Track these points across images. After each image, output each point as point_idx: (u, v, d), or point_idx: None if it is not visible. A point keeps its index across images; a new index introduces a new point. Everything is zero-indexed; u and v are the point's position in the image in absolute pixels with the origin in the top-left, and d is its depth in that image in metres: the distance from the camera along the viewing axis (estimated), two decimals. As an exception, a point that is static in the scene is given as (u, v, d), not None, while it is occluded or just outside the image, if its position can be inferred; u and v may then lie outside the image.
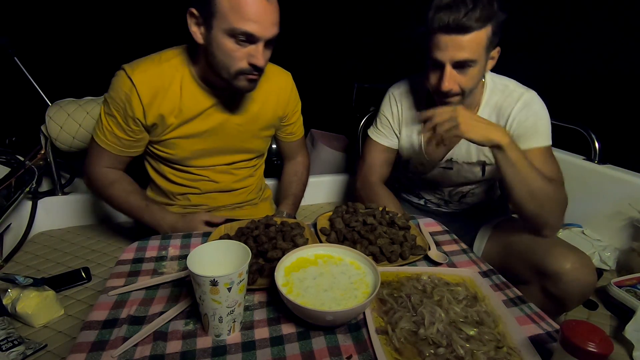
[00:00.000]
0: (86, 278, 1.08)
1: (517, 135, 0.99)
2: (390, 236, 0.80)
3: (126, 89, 0.91)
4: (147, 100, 0.92)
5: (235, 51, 0.84)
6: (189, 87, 0.95)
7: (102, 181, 1.01)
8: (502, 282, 0.72)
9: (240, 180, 1.12)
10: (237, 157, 1.08)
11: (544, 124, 0.99)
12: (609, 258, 1.31)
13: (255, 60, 0.85)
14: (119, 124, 0.95)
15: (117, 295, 0.65)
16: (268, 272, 0.68)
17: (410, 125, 1.13)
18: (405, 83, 1.15)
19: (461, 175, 1.12)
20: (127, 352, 0.53)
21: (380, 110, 1.18)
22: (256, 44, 0.84)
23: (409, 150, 1.15)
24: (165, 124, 0.95)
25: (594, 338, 0.44)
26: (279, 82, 1.08)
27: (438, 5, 0.86)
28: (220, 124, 1.00)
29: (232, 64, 0.85)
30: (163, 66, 0.93)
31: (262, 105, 1.04)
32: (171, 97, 0.93)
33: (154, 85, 0.92)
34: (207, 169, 1.06)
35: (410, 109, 1.13)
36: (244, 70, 0.86)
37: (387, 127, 1.16)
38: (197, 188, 1.08)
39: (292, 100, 1.12)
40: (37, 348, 0.83)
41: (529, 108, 0.99)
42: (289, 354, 0.54)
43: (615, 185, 1.37)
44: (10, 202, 1.22)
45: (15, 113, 1.94)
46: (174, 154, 1.00)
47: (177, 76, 0.94)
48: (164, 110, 0.93)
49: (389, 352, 0.53)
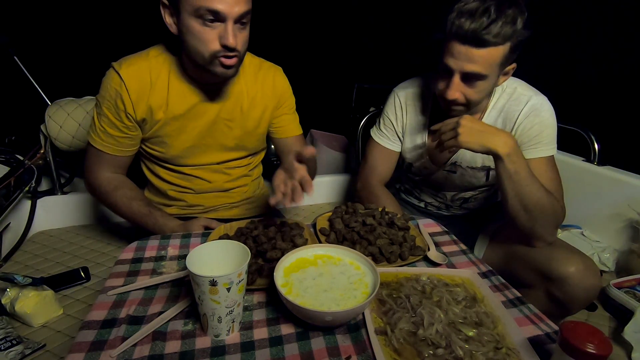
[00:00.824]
0: (85, 278, 1.08)
1: (520, 143, 0.96)
2: (390, 237, 0.80)
3: (115, 85, 0.91)
4: (135, 95, 0.91)
5: (205, 33, 0.81)
6: (176, 83, 0.94)
7: (105, 187, 1.00)
8: (501, 283, 0.72)
9: (234, 179, 1.11)
10: (229, 155, 1.07)
11: (549, 134, 0.96)
12: (608, 259, 1.31)
13: (225, 40, 0.81)
14: (112, 123, 0.94)
15: (116, 295, 0.65)
16: (267, 272, 0.68)
17: (415, 128, 1.11)
18: (411, 84, 1.13)
19: (465, 179, 1.11)
20: (126, 352, 0.53)
21: (384, 112, 1.15)
22: (225, 22, 0.80)
23: (412, 154, 1.14)
24: (153, 119, 0.95)
25: (593, 339, 0.44)
26: (267, 76, 1.05)
27: (460, 10, 0.82)
28: (209, 121, 0.99)
29: (203, 47, 0.83)
30: (151, 61, 0.93)
31: (251, 100, 1.03)
32: (158, 92, 0.93)
33: (142, 79, 0.92)
34: (199, 168, 1.05)
35: (415, 112, 1.11)
36: (217, 52, 0.83)
37: (390, 129, 1.14)
38: (191, 189, 1.07)
39: (283, 94, 1.09)
40: (36, 348, 0.83)
41: (535, 114, 0.96)
42: (288, 355, 0.54)
43: (615, 187, 1.37)
44: (10, 202, 1.22)
45: (15, 112, 1.93)
46: (164, 151, 1.00)
47: (163, 71, 0.93)
48: (152, 104, 0.93)
49: (388, 352, 0.53)
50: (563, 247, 0.92)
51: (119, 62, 0.93)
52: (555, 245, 0.93)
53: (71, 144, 1.31)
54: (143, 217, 1.00)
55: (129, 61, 0.92)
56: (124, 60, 0.93)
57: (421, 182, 1.21)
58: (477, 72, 0.85)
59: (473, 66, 0.84)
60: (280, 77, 1.08)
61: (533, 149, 0.96)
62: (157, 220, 0.99)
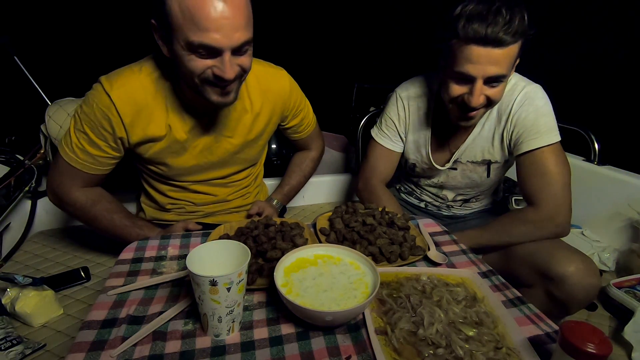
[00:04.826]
0: (85, 277, 1.08)
1: (519, 135, 0.97)
2: (390, 236, 0.80)
3: (103, 107, 0.83)
4: (129, 119, 0.84)
5: (197, 63, 0.74)
6: (175, 103, 0.88)
7: (81, 203, 0.93)
8: (502, 282, 0.72)
9: (237, 190, 1.10)
10: (232, 169, 1.04)
11: (547, 121, 0.95)
12: (608, 259, 1.31)
13: (219, 73, 0.74)
14: (92, 142, 0.87)
15: (117, 294, 0.65)
16: (267, 272, 0.68)
17: (418, 129, 1.11)
18: (412, 85, 1.12)
19: (466, 175, 1.11)
20: (126, 352, 0.53)
21: (386, 112, 1.15)
22: (221, 55, 0.73)
23: (415, 154, 1.14)
24: (152, 143, 0.90)
25: (593, 339, 0.44)
26: (272, 85, 0.99)
27: (470, 15, 0.82)
28: (211, 139, 0.95)
29: (194, 76, 0.76)
30: (143, 81, 0.85)
31: (255, 115, 0.98)
32: (157, 116, 0.87)
33: (136, 102, 0.84)
34: (202, 184, 1.03)
35: (418, 112, 1.10)
36: (209, 79, 0.76)
37: (392, 130, 1.14)
38: (192, 203, 1.05)
39: (291, 99, 1.04)
40: (36, 347, 0.83)
41: (530, 102, 0.96)
42: (288, 354, 0.54)
43: (615, 187, 1.37)
44: (10, 201, 1.22)
45: (15, 112, 1.93)
46: (166, 170, 0.97)
47: (159, 93, 0.86)
48: (151, 127, 0.87)
49: (388, 352, 0.53)
50: (563, 247, 0.92)
51: (108, 79, 0.84)
52: (555, 245, 0.93)
53: (71, 144, 1.31)
54: (125, 228, 0.96)
55: (119, 80, 0.84)
56: (114, 78, 0.84)
57: (422, 182, 1.21)
58: (499, 74, 0.86)
59: (495, 68, 0.85)
60: (286, 83, 1.02)
61: (533, 140, 0.95)
62: (142, 230, 0.96)
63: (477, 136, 1.04)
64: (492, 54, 0.83)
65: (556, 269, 0.86)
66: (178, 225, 0.98)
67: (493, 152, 1.04)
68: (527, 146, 0.95)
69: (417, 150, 1.13)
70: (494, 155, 1.05)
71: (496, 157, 1.05)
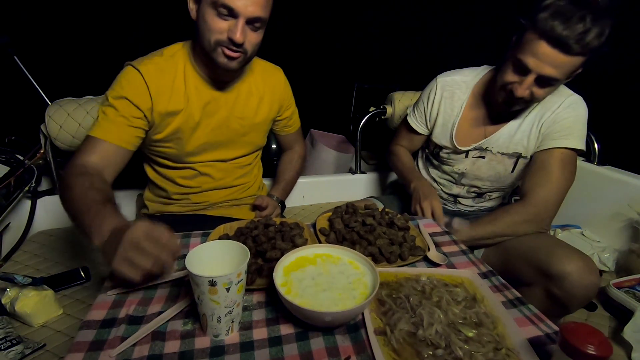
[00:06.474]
0: (85, 277, 1.08)
1: (551, 131, 1.01)
2: (390, 237, 0.80)
3: (135, 81, 0.92)
4: (155, 91, 0.93)
5: (216, 23, 0.86)
6: (193, 80, 0.98)
7: (72, 170, 0.84)
8: (501, 283, 0.72)
9: (239, 177, 1.14)
10: (238, 152, 1.10)
11: (581, 129, 1.01)
12: (608, 259, 1.31)
13: (232, 35, 0.85)
14: (119, 114, 0.90)
15: (116, 294, 0.65)
16: (267, 273, 0.68)
17: (449, 114, 1.15)
18: (454, 73, 1.17)
19: (491, 167, 1.13)
20: (126, 352, 0.53)
21: (421, 95, 1.22)
22: (237, 18, 0.85)
23: (441, 138, 1.18)
24: (171, 116, 0.96)
25: (593, 340, 0.44)
26: (272, 77, 1.12)
27: (556, 11, 0.82)
28: (223, 118, 1.03)
29: (211, 35, 0.87)
30: (168, 61, 0.96)
31: (260, 100, 1.08)
32: (177, 90, 0.96)
33: (162, 77, 0.94)
34: (209, 165, 1.07)
35: (452, 98, 1.15)
36: (222, 42, 0.87)
37: (421, 112, 1.22)
38: (199, 187, 1.09)
39: (286, 94, 1.16)
40: (36, 347, 0.83)
41: (574, 108, 1.01)
42: (288, 355, 0.54)
43: (615, 187, 1.37)
44: (10, 201, 1.22)
45: (15, 112, 1.94)
46: (177, 148, 1.01)
47: (180, 69, 0.97)
48: (172, 101, 0.95)
49: (387, 353, 0.53)
50: (562, 246, 0.93)
51: (137, 60, 0.95)
52: (554, 244, 0.94)
53: (71, 144, 1.31)
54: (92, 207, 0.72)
55: (147, 60, 0.95)
56: (142, 59, 0.95)
57: (443, 169, 1.22)
58: (554, 77, 0.87)
59: (553, 71, 0.86)
60: (283, 78, 1.16)
61: (564, 139, 1.00)
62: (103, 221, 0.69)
63: (516, 129, 1.07)
64: (556, 56, 0.84)
65: (556, 266, 0.86)
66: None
67: (527, 146, 1.07)
68: (552, 143, 1.00)
69: (444, 134, 1.17)
70: (527, 149, 1.07)
71: (528, 151, 1.08)
